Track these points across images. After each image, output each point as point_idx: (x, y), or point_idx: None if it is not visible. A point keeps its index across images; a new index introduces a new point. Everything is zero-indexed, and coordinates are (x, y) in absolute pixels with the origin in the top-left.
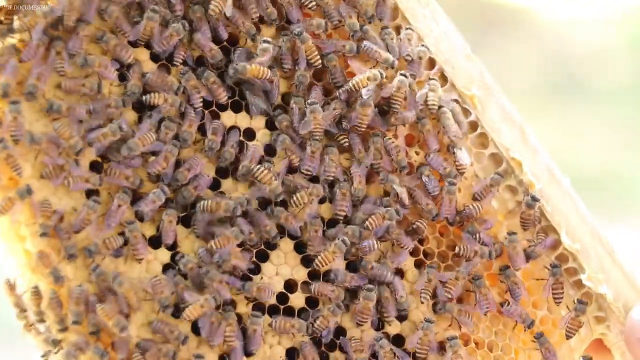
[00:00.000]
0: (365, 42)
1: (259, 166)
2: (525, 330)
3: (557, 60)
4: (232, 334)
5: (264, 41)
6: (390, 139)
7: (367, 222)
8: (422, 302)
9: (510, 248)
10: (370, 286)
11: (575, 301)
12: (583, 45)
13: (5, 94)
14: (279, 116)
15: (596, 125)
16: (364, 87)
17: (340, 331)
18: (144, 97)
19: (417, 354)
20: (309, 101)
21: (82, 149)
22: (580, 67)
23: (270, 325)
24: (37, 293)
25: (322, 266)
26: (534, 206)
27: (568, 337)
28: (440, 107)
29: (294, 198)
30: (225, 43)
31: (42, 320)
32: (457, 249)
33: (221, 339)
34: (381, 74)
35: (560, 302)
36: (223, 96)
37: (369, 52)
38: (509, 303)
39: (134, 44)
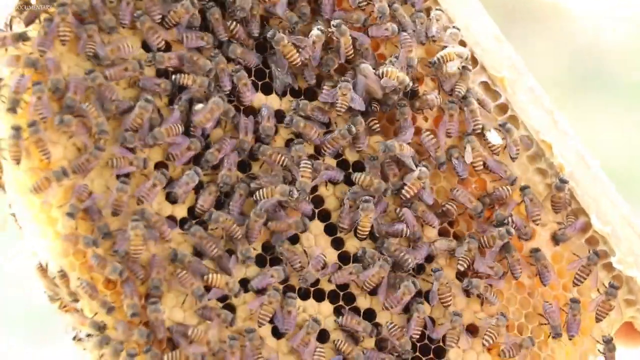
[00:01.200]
0: (403, 33)
1: (306, 161)
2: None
3: (582, 54)
4: (267, 314)
5: (318, 28)
6: (429, 134)
7: (403, 191)
8: (460, 269)
9: (527, 200)
10: (415, 280)
11: (607, 284)
12: (609, 40)
13: (57, 90)
14: (300, 104)
15: (621, 121)
16: (391, 79)
17: (371, 313)
18: (173, 77)
19: (441, 301)
20: (342, 78)
21: (106, 130)
22: (606, 61)
23: (336, 321)
24: (64, 275)
25: (364, 234)
26: (563, 189)
27: (598, 320)
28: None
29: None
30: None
31: (76, 300)
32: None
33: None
34: (408, 84)
35: (578, 285)
36: (248, 100)
37: (403, 43)
38: (551, 304)
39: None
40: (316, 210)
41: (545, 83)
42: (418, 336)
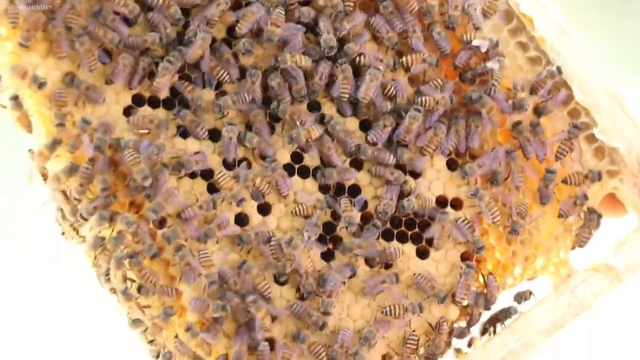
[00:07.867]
0: None
1: None
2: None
3: None
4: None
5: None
6: None
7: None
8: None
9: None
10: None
11: (570, 124)
12: None
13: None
14: None
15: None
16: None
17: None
18: None
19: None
20: None
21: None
22: None
23: None
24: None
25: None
26: (555, 76)
27: (557, 159)
28: None
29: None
30: None
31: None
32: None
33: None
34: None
35: (560, 159)
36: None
37: None
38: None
39: None
40: None
41: None
42: None
